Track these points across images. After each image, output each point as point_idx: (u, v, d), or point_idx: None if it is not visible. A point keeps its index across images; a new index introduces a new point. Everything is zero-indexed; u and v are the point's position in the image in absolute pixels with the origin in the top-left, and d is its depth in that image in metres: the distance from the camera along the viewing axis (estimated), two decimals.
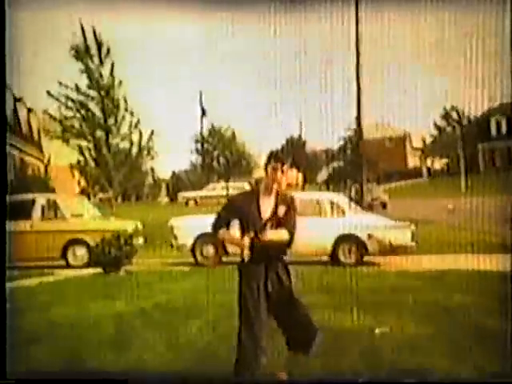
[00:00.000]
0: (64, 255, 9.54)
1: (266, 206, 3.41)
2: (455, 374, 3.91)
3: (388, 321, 5.27)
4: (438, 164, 36.21)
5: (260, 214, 3.38)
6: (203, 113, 25.85)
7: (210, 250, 9.45)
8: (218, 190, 22.74)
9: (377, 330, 4.99)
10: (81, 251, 9.49)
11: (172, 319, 5.42)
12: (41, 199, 9.87)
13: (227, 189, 20.96)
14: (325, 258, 9.70)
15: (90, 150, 16.73)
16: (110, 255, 8.14)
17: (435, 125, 39.16)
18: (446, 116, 37.96)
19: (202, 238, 9.41)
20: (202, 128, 26.30)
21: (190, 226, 9.73)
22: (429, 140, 39.06)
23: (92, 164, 16.83)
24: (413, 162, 37.33)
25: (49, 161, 21.08)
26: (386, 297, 6.41)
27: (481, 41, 7.94)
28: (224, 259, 9.37)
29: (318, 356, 3.92)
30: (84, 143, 16.78)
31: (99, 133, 16.45)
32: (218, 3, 8.56)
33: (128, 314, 5.62)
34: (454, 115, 37.34)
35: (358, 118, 19.04)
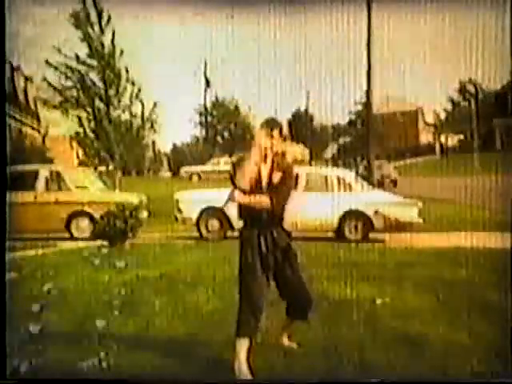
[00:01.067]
0: (67, 227, 9.98)
1: (264, 173, 3.73)
2: (451, 340, 4.30)
3: (390, 292, 5.68)
4: (452, 141, 36.30)
5: (261, 180, 3.70)
6: (207, 84, 26.08)
7: (214, 223, 9.87)
8: (222, 164, 23.12)
9: (378, 301, 5.40)
10: (84, 223, 9.93)
11: (178, 288, 5.84)
12: (45, 170, 10.29)
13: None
14: (330, 234, 10.10)
15: (89, 121, 16.99)
16: (116, 227, 8.55)
17: (450, 99, 39.10)
18: (462, 90, 37.89)
19: (207, 212, 9.83)
20: (205, 100, 26.58)
21: (196, 199, 10.15)
22: (443, 115, 39.06)
23: (92, 136, 17.13)
24: (425, 138, 37.42)
25: (46, 131, 21.41)
26: (389, 271, 6.81)
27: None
28: (229, 234, 9.79)
29: (320, 324, 4.38)
30: (83, 114, 17.05)
31: (99, 104, 16.70)
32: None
33: (135, 283, 6.05)
34: (471, 89, 37.29)
35: (368, 91, 19.20)
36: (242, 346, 3.59)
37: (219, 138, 23.49)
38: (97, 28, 16.81)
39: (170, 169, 23.86)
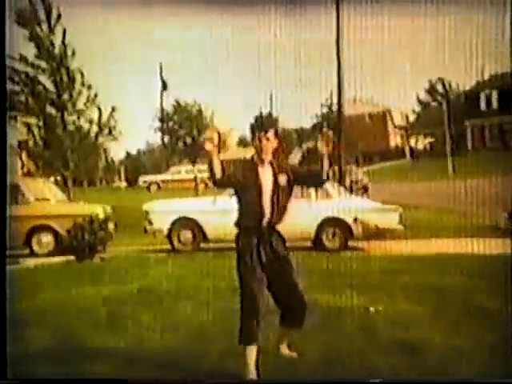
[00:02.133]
0: (28, 242, 9.99)
1: (267, 178, 3.95)
2: (448, 344, 4.67)
3: (381, 300, 6.04)
4: (422, 143, 37.37)
5: (261, 186, 3.94)
6: (164, 87, 26.22)
7: (187, 235, 10.08)
8: (183, 173, 23.30)
9: (371, 308, 5.75)
10: (47, 238, 9.97)
11: (162, 301, 6.06)
12: None
13: (194, 172, 21.45)
14: (307, 244, 10.43)
15: (39, 127, 16.90)
16: (84, 241, 8.67)
17: (419, 100, 40.23)
18: (431, 90, 39.06)
19: (179, 223, 10.03)
20: (161, 104, 26.69)
21: (167, 210, 10.34)
22: (412, 117, 40.17)
23: (41, 144, 17.01)
24: (395, 141, 38.41)
25: None
26: (375, 279, 7.19)
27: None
28: (202, 245, 10.04)
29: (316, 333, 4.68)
30: (33, 121, 16.95)
31: (51, 109, 16.64)
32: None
33: (115, 298, 6.22)
34: (440, 89, 38.48)
35: (339, 93, 19.69)
36: (251, 353, 3.82)
37: (180, 145, 23.67)
38: (45, 27, 16.76)
39: (127, 178, 23.86)
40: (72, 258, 8.85)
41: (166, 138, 24.60)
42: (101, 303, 5.96)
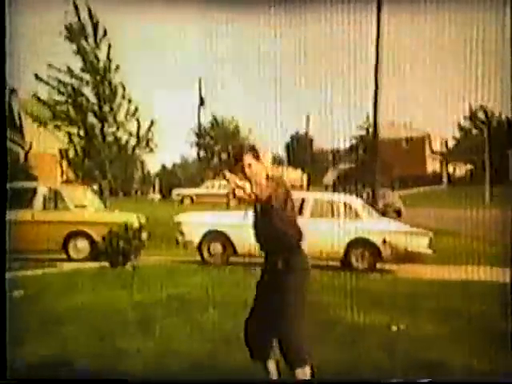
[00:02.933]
0: (65, 247, 10.46)
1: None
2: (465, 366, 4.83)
3: (403, 320, 6.22)
4: (460, 170, 37.11)
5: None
6: (201, 102, 26.82)
7: (217, 247, 10.40)
8: (216, 187, 23.71)
9: (393, 328, 5.94)
10: (83, 244, 10.43)
11: (190, 309, 6.35)
12: (43, 188, 10.80)
13: (227, 187, 21.75)
14: (335, 263, 10.62)
15: (80, 137, 17.53)
16: (118, 248, 9.07)
17: (459, 126, 39.99)
18: (472, 116, 38.82)
19: (210, 236, 10.36)
20: (199, 119, 27.28)
21: (198, 222, 10.69)
22: (451, 143, 39.93)
23: (82, 153, 17.66)
24: (432, 166, 38.20)
25: (30, 147, 21.88)
26: (400, 300, 7.35)
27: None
28: (232, 259, 10.32)
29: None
30: (74, 130, 17.60)
31: (93, 120, 17.26)
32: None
33: (146, 304, 6.54)
34: (481, 116, 38.23)
35: (375, 115, 19.87)
36: (273, 366, 3.85)
37: (216, 160, 24.15)
38: (91, 41, 17.47)
39: (161, 191, 24.39)
40: (105, 264, 9.22)
41: (202, 153, 25.12)
42: (131, 308, 6.27)
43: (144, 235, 10.17)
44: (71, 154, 18.19)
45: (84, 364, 4.59)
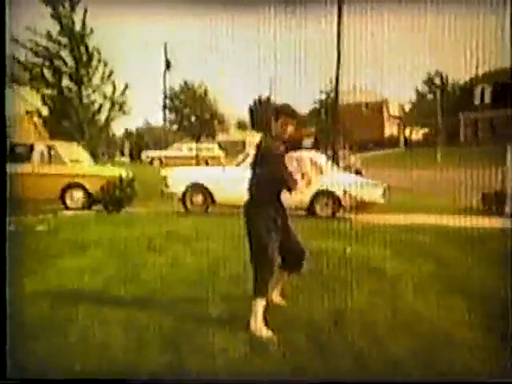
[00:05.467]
0: (62, 197, 11.89)
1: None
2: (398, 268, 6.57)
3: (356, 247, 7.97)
4: (417, 134, 39.27)
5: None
6: (167, 66, 27.97)
7: (199, 198, 11.98)
8: (184, 150, 25.15)
9: (347, 249, 7.67)
10: (78, 194, 11.87)
11: (189, 240, 7.95)
12: (39, 144, 12.18)
13: (197, 149, 23.22)
14: (302, 213, 12.30)
15: (57, 99, 18.61)
16: (114, 196, 10.60)
17: (417, 91, 41.89)
18: (429, 82, 40.77)
19: (192, 188, 11.93)
20: (164, 83, 28.45)
21: (182, 176, 12.24)
22: (408, 108, 41.99)
23: (57, 114, 18.75)
24: (390, 130, 40.28)
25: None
26: (354, 234, 9.12)
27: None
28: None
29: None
30: (50, 92, 18.68)
31: (69, 83, 18.36)
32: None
33: (151, 236, 8.13)
34: (438, 81, 40.21)
35: (336, 81, 21.40)
36: (260, 305, 4.48)
37: (186, 123, 25.46)
38: (67, 5, 18.45)
39: (131, 154, 25.58)
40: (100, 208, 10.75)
41: (172, 116, 26.39)
42: (139, 239, 7.86)
43: (136, 185, 11.68)
44: (46, 114, 19.28)
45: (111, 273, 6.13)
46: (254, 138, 31.07)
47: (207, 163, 24.20)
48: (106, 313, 4.78)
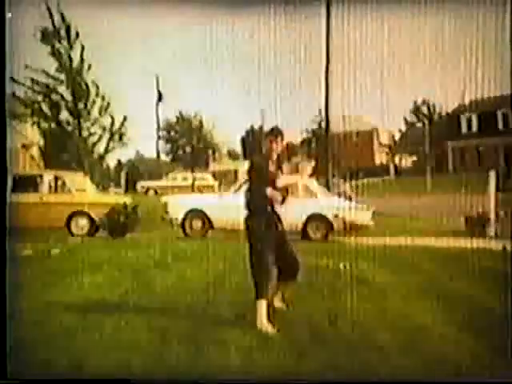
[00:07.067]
0: (67, 225, 12.66)
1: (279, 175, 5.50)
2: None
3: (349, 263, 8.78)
4: (406, 162, 40.33)
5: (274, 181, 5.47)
6: (160, 98, 28.98)
7: (198, 223, 12.80)
8: (179, 180, 26.01)
9: (341, 265, 8.49)
10: (83, 222, 12.65)
11: (195, 261, 8.73)
12: (48, 175, 13.03)
13: (193, 179, 24.05)
14: (295, 237, 13.10)
15: (56, 132, 19.51)
16: (119, 222, 11.42)
17: (405, 120, 43.07)
18: (417, 111, 41.98)
19: (191, 213, 12.75)
20: (157, 113, 29.41)
21: (181, 202, 13.09)
22: (398, 136, 43.13)
23: (56, 147, 19.66)
24: (380, 158, 41.32)
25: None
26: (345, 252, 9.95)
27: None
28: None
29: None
30: (49, 126, 19.59)
31: (68, 117, 19.27)
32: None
33: (157, 256, 8.92)
34: (425, 110, 41.43)
35: (326, 110, 22.32)
36: (262, 306, 5.13)
37: (180, 153, 26.41)
38: (65, 43, 19.45)
39: (126, 184, 26.38)
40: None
41: (167, 147, 27.35)
42: (146, 259, 8.66)
43: (139, 212, 12.50)
44: (44, 147, 20.16)
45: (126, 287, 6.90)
46: (246, 167, 31.92)
47: (201, 192, 25.00)
48: (127, 319, 5.50)
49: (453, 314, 5.81)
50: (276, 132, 5.49)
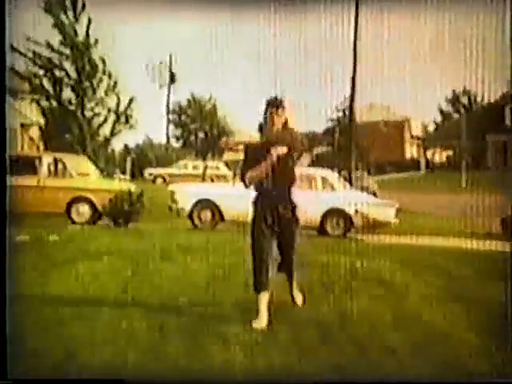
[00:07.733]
0: (67, 211, 12.92)
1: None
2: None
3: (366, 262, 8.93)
4: (440, 156, 40.14)
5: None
6: (172, 79, 29.22)
7: (207, 214, 12.99)
8: (189, 168, 26.20)
9: (358, 263, 8.63)
10: (84, 208, 12.90)
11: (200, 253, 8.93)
12: (48, 157, 13.27)
13: (204, 167, 24.18)
14: (313, 232, 13.24)
15: (57, 112, 19.78)
16: (123, 210, 11.66)
17: (440, 110, 42.85)
18: (455, 100, 41.70)
19: (200, 204, 12.95)
20: (168, 96, 29.68)
21: (190, 191, 13.29)
22: (431, 128, 42.93)
23: (57, 127, 19.93)
24: (411, 152, 41.16)
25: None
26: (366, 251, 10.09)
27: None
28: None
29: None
30: (51, 104, 19.84)
31: (71, 95, 19.52)
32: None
33: (161, 248, 9.12)
34: (464, 100, 41.14)
35: (352, 98, 22.39)
36: (261, 300, 5.23)
37: (192, 139, 26.55)
38: (71, 15, 19.66)
39: (133, 170, 26.59)
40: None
41: (178, 132, 27.53)
42: (150, 250, 8.87)
43: (145, 201, 12.72)
44: (45, 127, 20.46)
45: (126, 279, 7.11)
46: None
47: (213, 181, 25.20)
48: (125, 313, 5.69)
49: (481, 321, 5.91)
50: (276, 103, 5.28)
